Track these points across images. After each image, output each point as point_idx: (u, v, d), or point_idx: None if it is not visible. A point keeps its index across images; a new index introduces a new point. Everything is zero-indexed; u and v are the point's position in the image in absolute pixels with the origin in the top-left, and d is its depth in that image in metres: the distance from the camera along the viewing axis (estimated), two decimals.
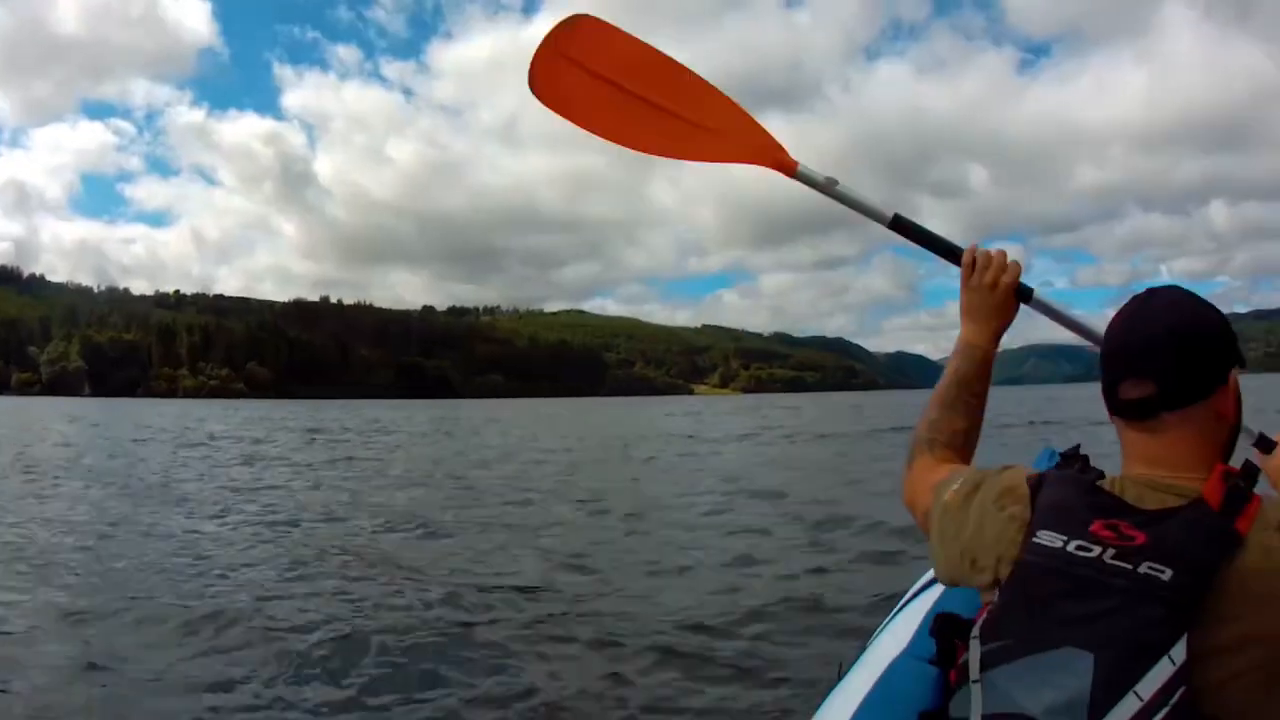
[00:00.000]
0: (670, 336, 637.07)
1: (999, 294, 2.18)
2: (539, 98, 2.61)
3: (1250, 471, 1.59)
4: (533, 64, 2.59)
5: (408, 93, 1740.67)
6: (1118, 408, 1.68)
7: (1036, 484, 1.65)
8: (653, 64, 2.62)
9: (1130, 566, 1.43)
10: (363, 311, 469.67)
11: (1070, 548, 1.49)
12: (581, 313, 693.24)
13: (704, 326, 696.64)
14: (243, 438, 39.48)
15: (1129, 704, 1.35)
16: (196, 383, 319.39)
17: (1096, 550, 1.47)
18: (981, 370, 2.14)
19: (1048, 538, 1.53)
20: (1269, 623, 1.39)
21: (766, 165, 2.57)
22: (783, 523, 13.31)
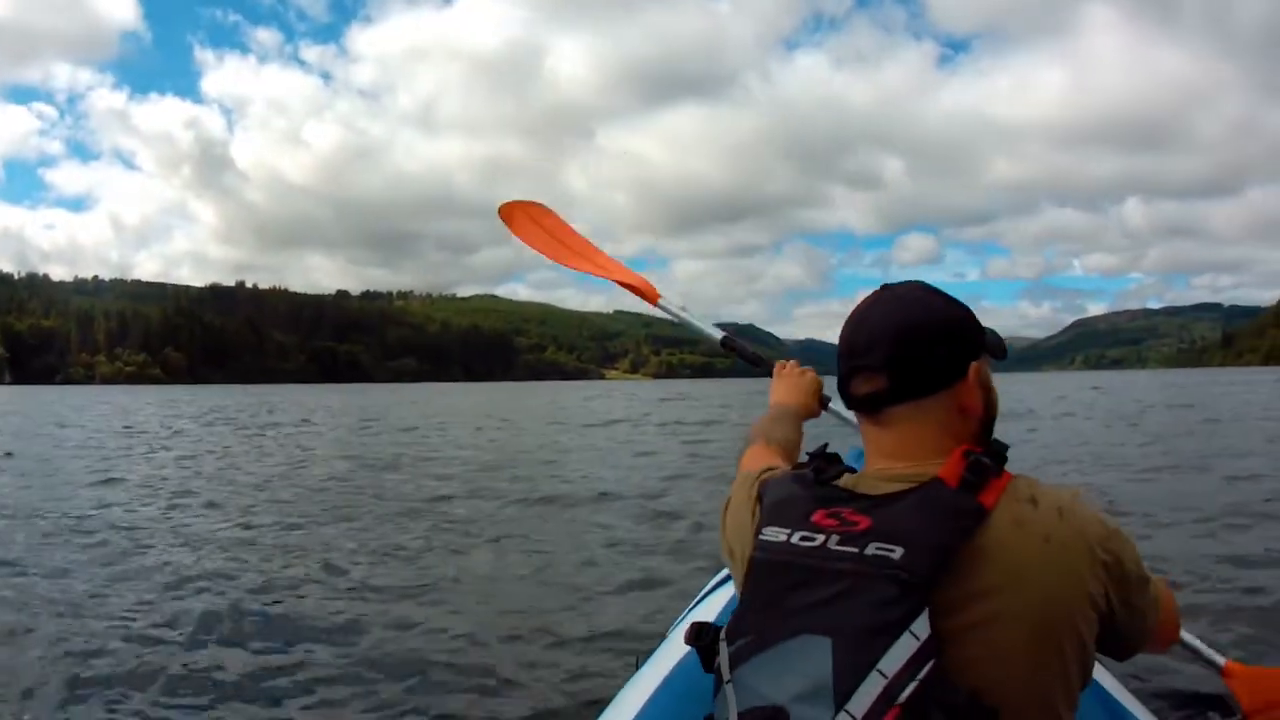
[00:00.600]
0: (582, 322, 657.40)
1: (805, 396, 2.52)
2: (507, 225, 4.18)
3: (998, 450, 1.56)
4: (508, 209, 4.22)
5: (326, 77, 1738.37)
6: (851, 403, 1.71)
7: (765, 484, 1.71)
8: (567, 230, 4.19)
9: (856, 550, 1.43)
10: (278, 296, 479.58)
11: (794, 539, 1.50)
12: (494, 297, 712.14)
13: (616, 312, 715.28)
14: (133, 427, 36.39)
15: (874, 682, 1.34)
16: (113, 369, 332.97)
17: (820, 539, 1.47)
18: (797, 438, 2.34)
19: (772, 533, 1.55)
20: (1025, 595, 1.42)
21: (638, 292, 3.44)
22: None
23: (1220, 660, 2.79)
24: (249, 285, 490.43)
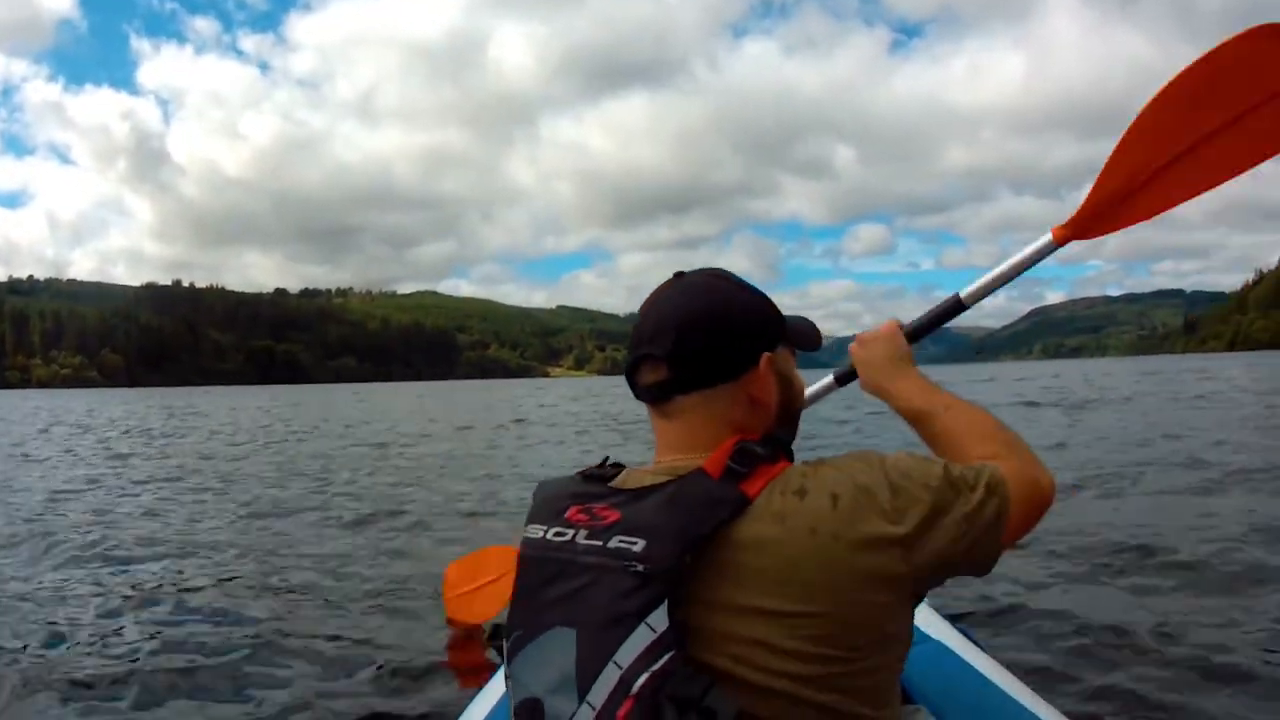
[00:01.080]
0: (525, 318, 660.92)
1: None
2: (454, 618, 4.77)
3: (774, 441, 1.56)
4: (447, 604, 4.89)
5: (264, 67, 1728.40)
6: (638, 393, 1.68)
7: (541, 484, 1.73)
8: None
9: (600, 543, 1.45)
10: (215, 295, 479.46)
11: (549, 535, 1.54)
12: (435, 293, 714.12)
13: (560, 307, 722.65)
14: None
15: (610, 673, 1.36)
16: (49, 372, 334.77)
17: (570, 533, 1.51)
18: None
19: (532, 530, 1.59)
20: (787, 592, 1.39)
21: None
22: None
23: (1046, 236, 2.24)
24: (185, 284, 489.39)
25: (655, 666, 1.34)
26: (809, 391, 2.20)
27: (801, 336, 1.76)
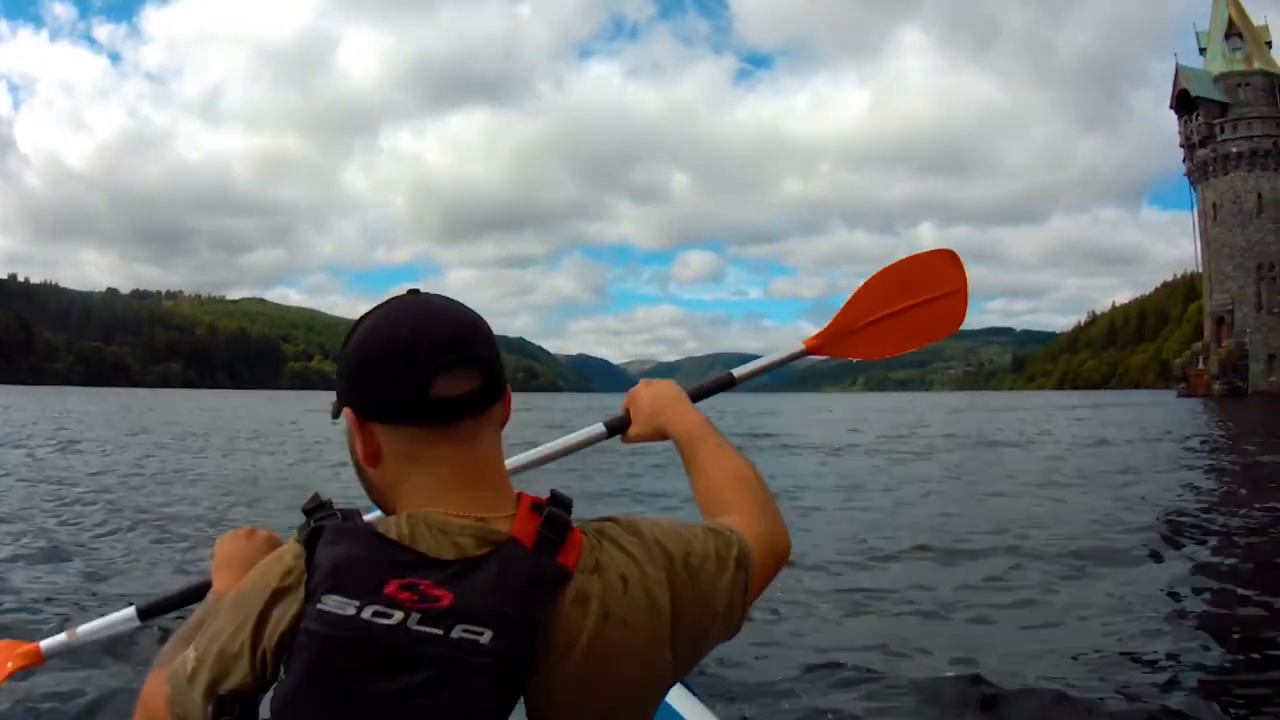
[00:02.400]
0: (349, 330, 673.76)
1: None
2: None
3: (563, 500, 1.47)
4: None
5: (115, 57, 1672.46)
6: (434, 411, 1.43)
7: (310, 542, 1.41)
8: None
9: (441, 632, 1.29)
10: (49, 292, 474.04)
11: (366, 614, 1.31)
12: (264, 301, 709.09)
13: None
14: None
15: None
16: None
17: (398, 616, 1.31)
18: None
19: (336, 603, 1.32)
20: (601, 681, 1.35)
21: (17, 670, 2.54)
22: None
23: (799, 346, 2.77)
24: (21, 279, 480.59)
25: None
26: (572, 439, 2.33)
27: None
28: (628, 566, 1.42)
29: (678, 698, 2.79)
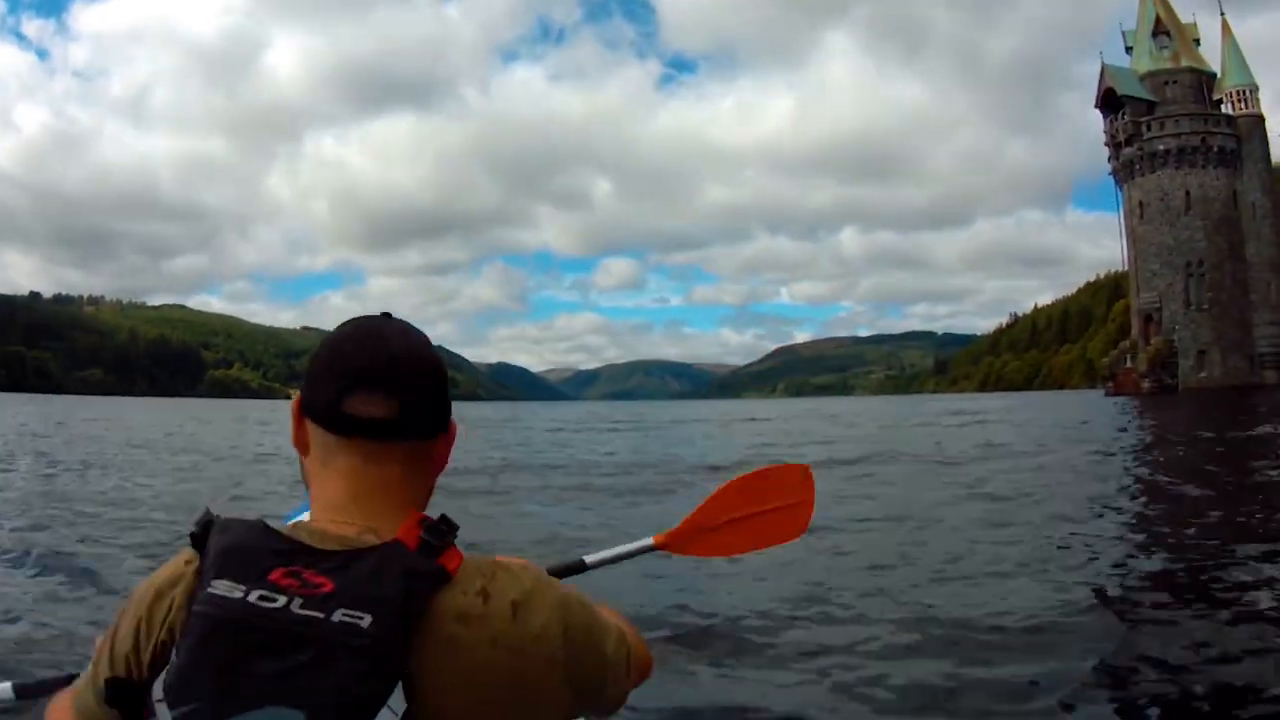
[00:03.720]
0: (270, 337, 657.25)
1: None
2: None
3: (448, 520, 1.53)
4: None
5: (43, 54, 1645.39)
6: (339, 423, 1.54)
7: (204, 531, 1.51)
8: None
9: (322, 615, 1.34)
10: None
11: (252, 598, 1.37)
12: (185, 308, 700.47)
13: (305, 328, 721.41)
14: None
15: None
16: None
17: (282, 600, 1.36)
18: None
19: (224, 587, 1.39)
20: (477, 695, 1.41)
21: None
22: None
23: (648, 540, 2.89)
24: None
25: None
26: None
27: None
28: (521, 596, 1.48)
29: None
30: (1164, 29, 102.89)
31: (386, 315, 1.65)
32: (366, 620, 1.34)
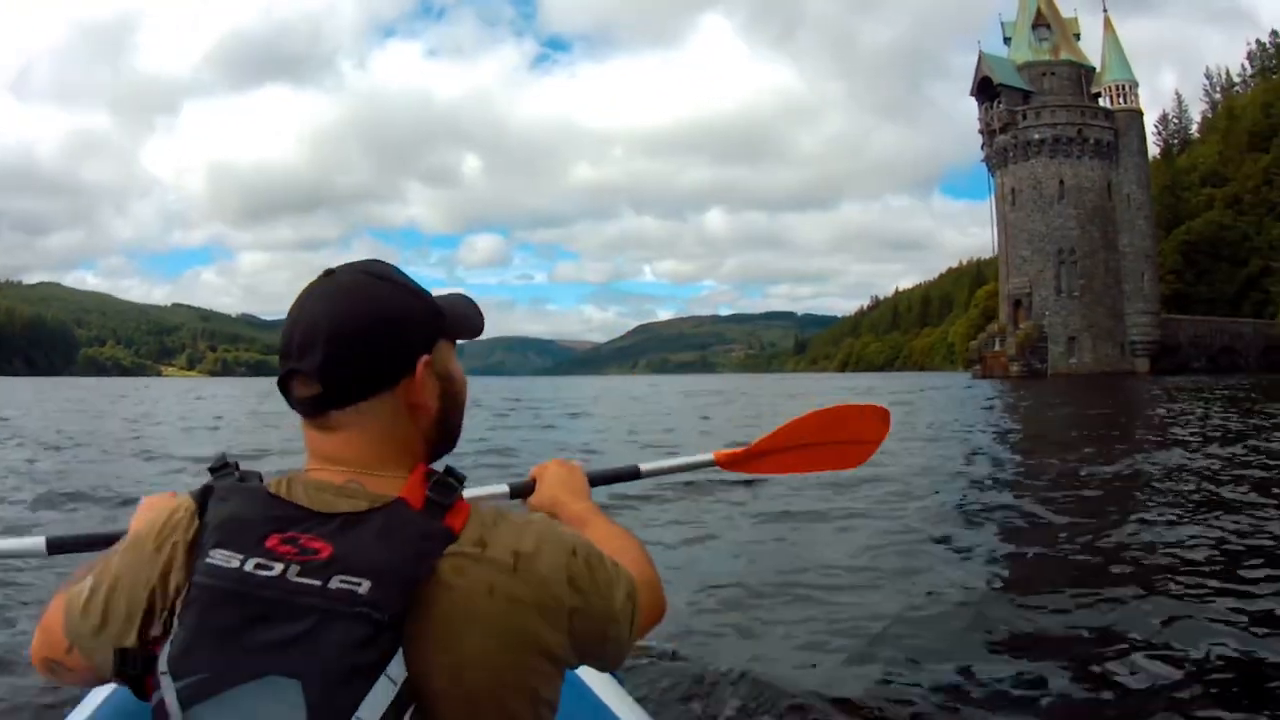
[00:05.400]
0: (142, 315, 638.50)
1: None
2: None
3: (455, 473, 1.48)
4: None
5: None
6: (291, 405, 1.53)
7: (202, 498, 1.47)
8: None
9: (319, 583, 1.30)
10: None
11: (249, 567, 1.33)
12: (60, 285, 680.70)
13: (176, 305, 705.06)
14: None
15: None
16: None
17: (278, 568, 1.32)
18: None
19: (222, 557, 1.35)
20: (477, 646, 1.34)
21: None
22: None
23: (709, 456, 2.95)
24: None
25: None
26: (478, 493, 2.33)
27: (462, 324, 1.66)
28: (525, 546, 1.42)
29: (603, 688, 2.60)
30: (1044, 22, 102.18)
31: (328, 271, 1.57)
32: (365, 586, 1.29)
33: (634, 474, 2.71)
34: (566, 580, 1.43)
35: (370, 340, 1.47)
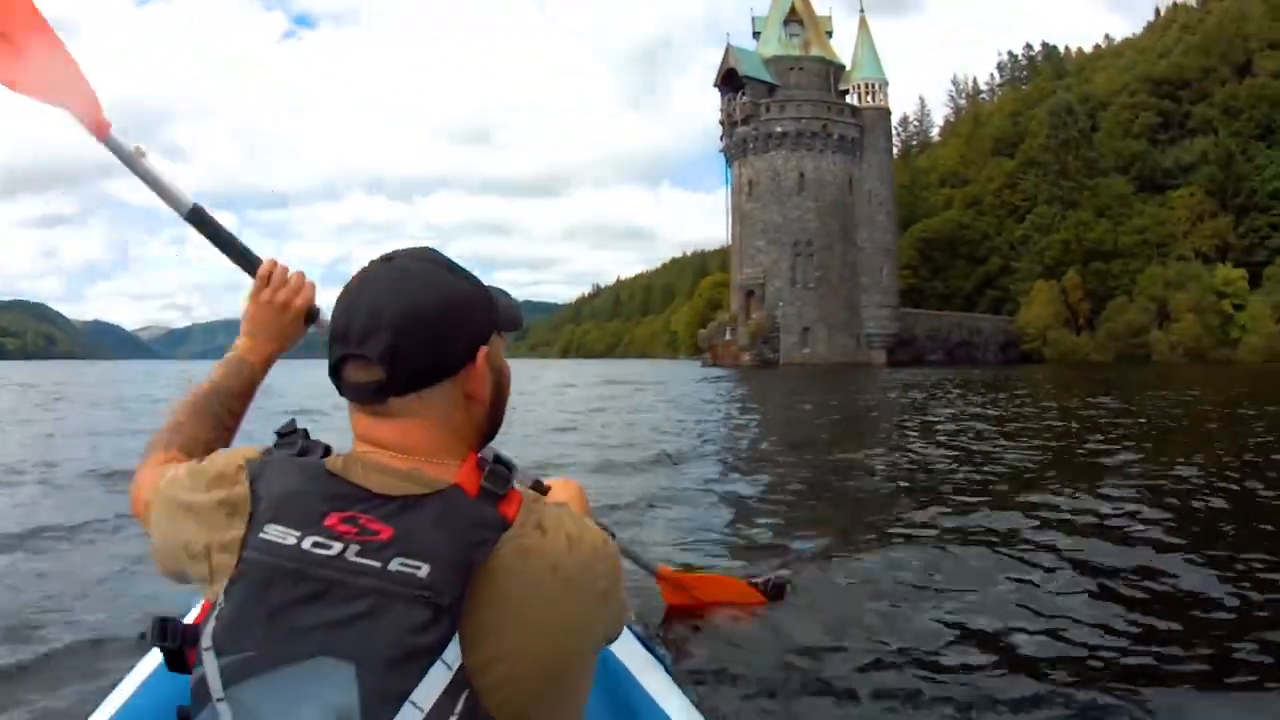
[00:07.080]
0: None
1: (290, 316, 2.05)
2: None
3: (507, 461, 1.43)
4: None
5: None
6: (342, 391, 1.47)
7: (258, 469, 1.42)
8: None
9: (379, 564, 1.26)
10: None
11: (306, 545, 1.29)
12: None
13: None
14: None
15: (409, 715, 1.20)
16: None
17: (337, 547, 1.28)
18: (247, 388, 1.98)
19: (277, 533, 1.31)
20: (538, 631, 1.31)
21: (75, 114, 2.01)
22: None
23: (654, 566, 3.13)
24: None
25: (458, 709, 1.23)
26: None
27: (509, 319, 1.60)
28: (573, 529, 1.41)
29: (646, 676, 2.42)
30: (797, 18, 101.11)
31: (387, 257, 1.51)
32: (424, 570, 1.25)
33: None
34: (605, 562, 1.42)
35: (439, 328, 1.43)
